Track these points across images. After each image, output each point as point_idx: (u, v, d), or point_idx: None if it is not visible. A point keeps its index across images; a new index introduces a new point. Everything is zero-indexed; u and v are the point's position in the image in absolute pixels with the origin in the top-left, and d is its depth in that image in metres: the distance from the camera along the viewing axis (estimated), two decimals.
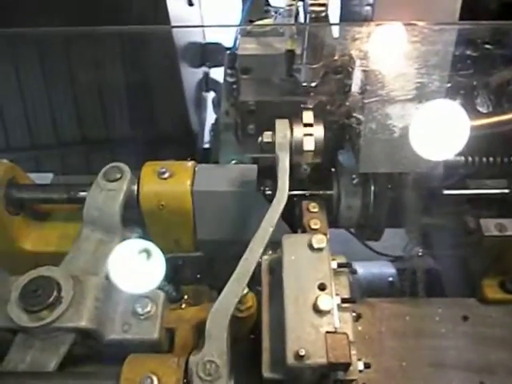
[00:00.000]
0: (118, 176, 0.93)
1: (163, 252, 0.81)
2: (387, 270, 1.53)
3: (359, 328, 1.02)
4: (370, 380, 0.95)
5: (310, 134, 0.80)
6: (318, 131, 0.80)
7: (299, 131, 0.81)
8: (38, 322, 0.74)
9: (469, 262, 1.10)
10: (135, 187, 0.93)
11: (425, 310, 1.06)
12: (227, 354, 0.69)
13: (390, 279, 1.41)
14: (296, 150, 0.80)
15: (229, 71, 0.97)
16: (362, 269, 1.54)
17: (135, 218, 0.96)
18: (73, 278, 0.78)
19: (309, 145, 0.80)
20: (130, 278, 0.78)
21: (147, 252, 0.79)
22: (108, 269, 0.78)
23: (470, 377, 0.97)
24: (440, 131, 0.79)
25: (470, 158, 0.95)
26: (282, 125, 0.81)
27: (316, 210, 0.95)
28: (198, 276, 1.05)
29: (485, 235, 0.96)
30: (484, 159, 0.96)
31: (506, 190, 0.99)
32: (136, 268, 0.78)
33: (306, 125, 0.80)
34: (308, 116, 0.82)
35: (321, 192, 0.96)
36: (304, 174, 0.88)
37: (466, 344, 1.02)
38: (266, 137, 0.81)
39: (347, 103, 0.82)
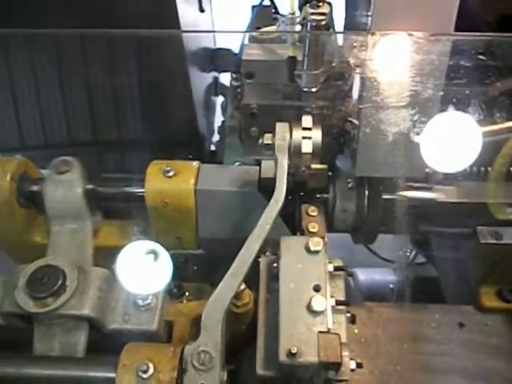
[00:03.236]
0: (67, 168, 0.98)
1: (166, 249, 0.82)
2: (389, 276, 1.54)
3: (355, 331, 1.03)
4: (365, 382, 0.96)
5: (309, 137, 0.81)
6: (316, 135, 0.83)
7: (298, 134, 0.82)
8: (42, 309, 0.77)
9: (468, 269, 1.11)
10: (85, 176, 0.99)
11: (421, 315, 1.07)
12: (221, 346, 0.71)
13: (392, 286, 1.42)
14: (294, 152, 0.82)
15: (233, 76, 1.00)
16: (363, 275, 1.56)
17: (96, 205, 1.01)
18: (78, 268, 0.82)
19: (306, 147, 0.82)
20: (138, 279, 0.80)
21: (154, 253, 0.80)
22: (115, 269, 0.80)
23: None
24: (452, 143, 0.80)
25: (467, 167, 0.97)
26: (281, 128, 0.83)
27: (315, 213, 0.97)
28: (200, 273, 1.08)
29: (481, 243, 0.97)
30: (482, 168, 0.98)
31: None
32: (143, 269, 0.79)
33: (304, 128, 0.82)
34: (307, 120, 0.84)
35: (317, 195, 0.99)
36: (304, 176, 0.89)
37: (460, 351, 1.03)
38: (267, 139, 0.83)
39: (343, 108, 0.85)
